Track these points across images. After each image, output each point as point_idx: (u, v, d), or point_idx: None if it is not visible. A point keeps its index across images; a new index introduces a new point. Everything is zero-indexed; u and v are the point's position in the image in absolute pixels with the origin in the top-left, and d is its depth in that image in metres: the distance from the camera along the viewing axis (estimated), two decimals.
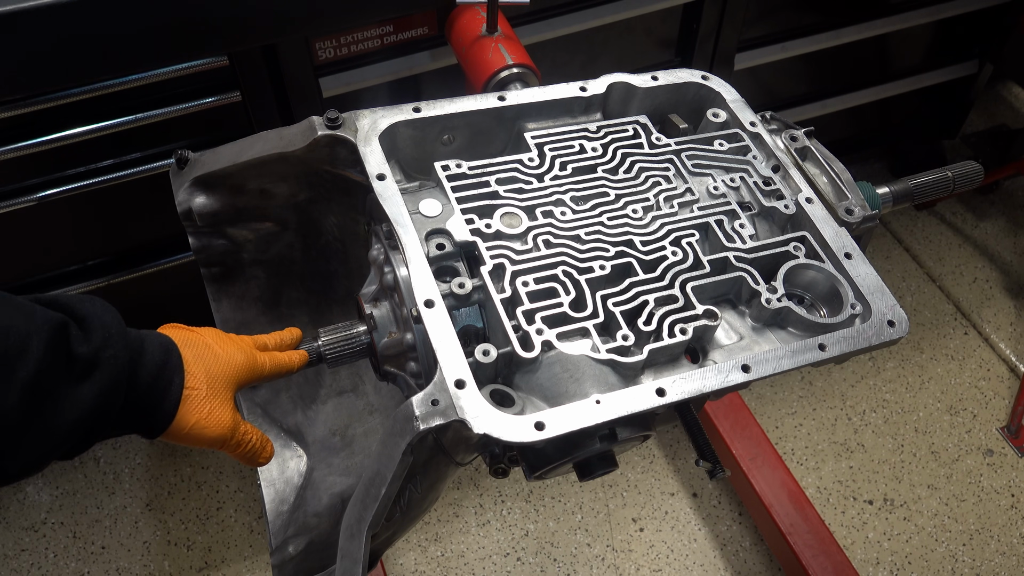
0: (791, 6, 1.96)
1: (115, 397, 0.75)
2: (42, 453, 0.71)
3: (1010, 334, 2.37)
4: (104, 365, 0.74)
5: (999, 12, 2.20)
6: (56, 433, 0.71)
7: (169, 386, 0.80)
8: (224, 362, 0.85)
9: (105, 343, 0.74)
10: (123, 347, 0.76)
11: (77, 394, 0.72)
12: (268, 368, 0.91)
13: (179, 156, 1.01)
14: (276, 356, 0.92)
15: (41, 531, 1.97)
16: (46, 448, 0.71)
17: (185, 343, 0.84)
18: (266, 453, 0.91)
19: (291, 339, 0.97)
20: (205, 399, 0.82)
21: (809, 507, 1.83)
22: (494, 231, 0.90)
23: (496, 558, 1.96)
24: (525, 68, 1.20)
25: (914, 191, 1.11)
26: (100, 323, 0.76)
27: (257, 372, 0.89)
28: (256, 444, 0.88)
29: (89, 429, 0.73)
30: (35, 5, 1.05)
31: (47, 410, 0.70)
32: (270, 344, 0.94)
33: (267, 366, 0.91)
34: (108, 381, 0.74)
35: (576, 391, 0.81)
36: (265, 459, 0.91)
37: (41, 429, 0.70)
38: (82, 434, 0.73)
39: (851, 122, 2.41)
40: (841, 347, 0.86)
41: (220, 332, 0.90)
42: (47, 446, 0.71)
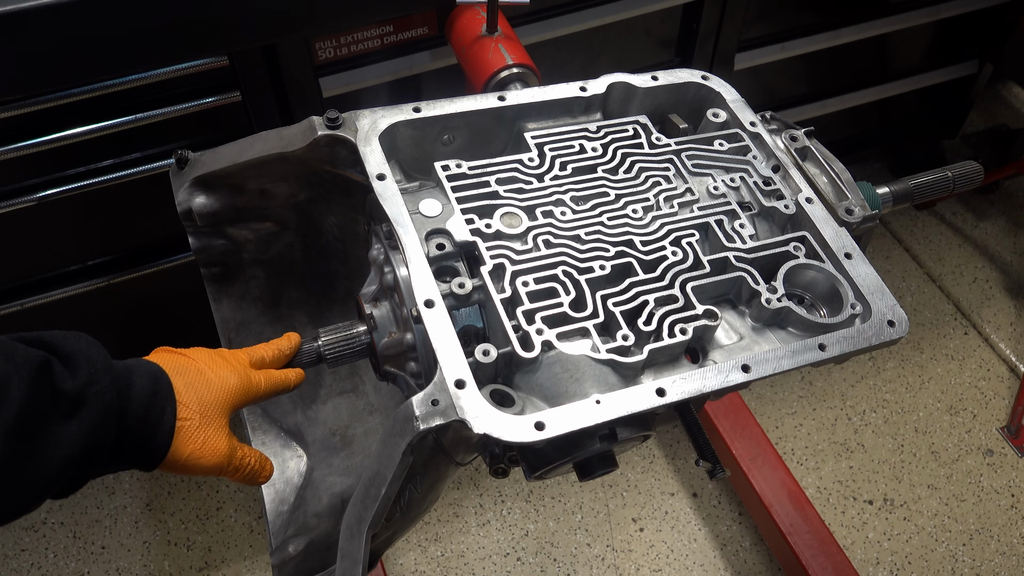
0: (791, 6, 1.96)
1: (105, 433, 0.73)
2: (33, 495, 0.70)
3: (1010, 334, 2.37)
4: (91, 401, 0.72)
5: (999, 12, 2.20)
6: (45, 473, 0.69)
7: (161, 417, 0.78)
8: (217, 388, 0.84)
9: (91, 379, 0.73)
10: (110, 382, 0.74)
11: (64, 432, 0.70)
12: (264, 388, 0.89)
13: (179, 156, 1.01)
14: (272, 376, 0.91)
15: (41, 531, 1.97)
16: (36, 489, 0.70)
17: (176, 370, 0.82)
18: (265, 473, 0.90)
19: (289, 347, 0.95)
20: (199, 429, 0.80)
21: (809, 507, 1.83)
22: (494, 231, 0.90)
23: (496, 558, 1.96)
24: (525, 68, 1.20)
25: (914, 191, 1.11)
26: (85, 358, 0.74)
27: (252, 394, 0.88)
28: (255, 466, 0.87)
29: (81, 466, 0.72)
30: (35, 5, 1.05)
31: (34, 451, 0.68)
32: (268, 357, 0.92)
33: (262, 386, 0.89)
34: (96, 417, 0.72)
35: (576, 391, 0.81)
36: (264, 479, 0.90)
37: (30, 471, 0.68)
38: (73, 472, 0.72)
39: (851, 122, 2.41)
40: (841, 347, 0.86)
41: (212, 353, 0.88)
42: (37, 487, 0.69)
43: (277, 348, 0.94)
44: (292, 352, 0.95)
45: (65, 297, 1.63)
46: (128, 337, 1.87)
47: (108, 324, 1.82)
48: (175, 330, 1.85)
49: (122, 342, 1.88)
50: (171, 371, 0.82)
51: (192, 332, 1.52)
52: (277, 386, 0.91)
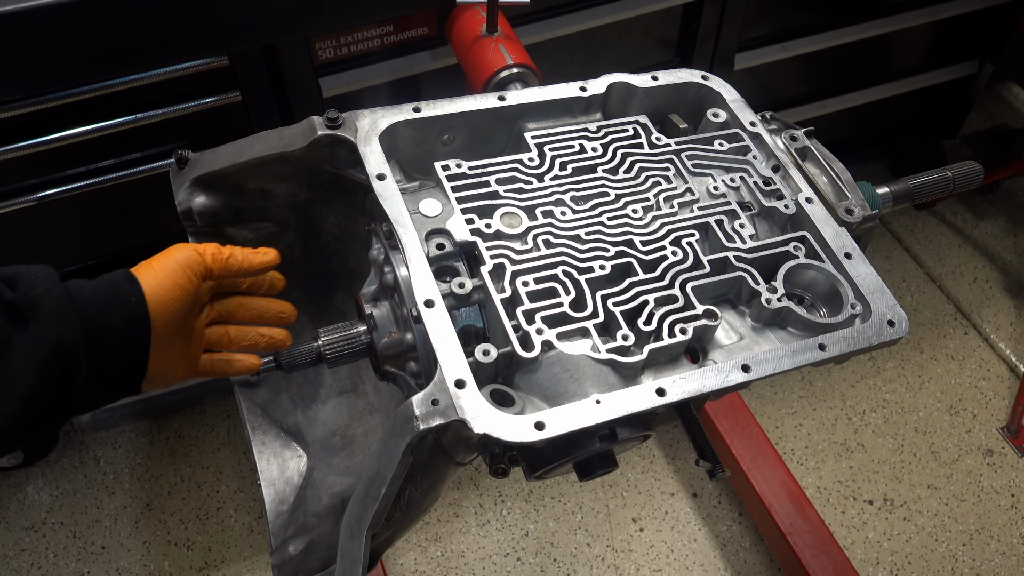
0: (791, 6, 1.96)
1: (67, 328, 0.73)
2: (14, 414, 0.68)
3: (1010, 334, 2.37)
4: (41, 300, 0.72)
5: (999, 12, 2.21)
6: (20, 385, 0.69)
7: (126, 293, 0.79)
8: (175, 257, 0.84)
9: (34, 283, 0.73)
10: (54, 281, 0.75)
11: (27, 337, 0.70)
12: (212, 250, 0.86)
13: (179, 156, 1.01)
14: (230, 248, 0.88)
15: (41, 531, 1.97)
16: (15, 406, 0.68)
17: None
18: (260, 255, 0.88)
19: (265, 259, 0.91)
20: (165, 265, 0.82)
21: (809, 507, 1.83)
22: (494, 231, 0.90)
23: (496, 558, 1.96)
24: (525, 68, 1.20)
25: (914, 191, 1.11)
26: (26, 272, 0.75)
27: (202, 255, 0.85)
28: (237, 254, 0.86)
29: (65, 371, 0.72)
30: (35, 5, 1.05)
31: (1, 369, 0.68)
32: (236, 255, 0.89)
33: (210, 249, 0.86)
34: (50, 313, 0.72)
35: (576, 391, 0.81)
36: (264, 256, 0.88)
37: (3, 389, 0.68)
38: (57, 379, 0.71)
39: (851, 122, 2.41)
40: (841, 347, 0.86)
41: None
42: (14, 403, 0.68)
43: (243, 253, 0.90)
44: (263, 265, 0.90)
45: None
46: None
47: None
48: None
49: None
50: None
51: None
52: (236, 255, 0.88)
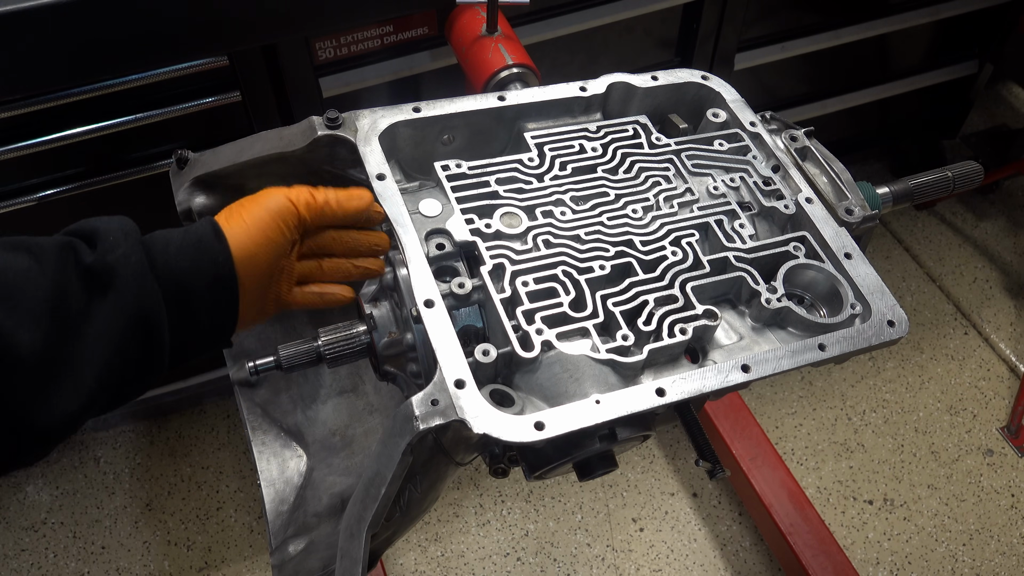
0: (791, 6, 1.96)
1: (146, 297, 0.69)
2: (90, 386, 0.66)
3: (1010, 334, 2.37)
4: (119, 267, 0.68)
5: (999, 12, 2.20)
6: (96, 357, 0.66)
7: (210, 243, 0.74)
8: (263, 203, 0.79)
9: (113, 246, 0.69)
10: (133, 243, 0.71)
11: (104, 307, 0.67)
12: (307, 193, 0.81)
13: (179, 156, 1.01)
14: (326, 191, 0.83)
15: (41, 531, 1.97)
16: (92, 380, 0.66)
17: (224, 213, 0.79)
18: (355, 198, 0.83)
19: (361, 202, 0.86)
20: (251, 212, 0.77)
21: (809, 507, 1.83)
22: (494, 231, 0.90)
23: (496, 558, 1.96)
24: (525, 68, 1.20)
25: (914, 191, 1.11)
26: (105, 230, 0.71)
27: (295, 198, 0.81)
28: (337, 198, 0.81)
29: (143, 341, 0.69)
30: (35, 5, 1.05)
31: (75, 336, 0.65)
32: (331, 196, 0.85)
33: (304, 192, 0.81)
34: (129, 282, 0.68)
35: (576, 391, 0.81)
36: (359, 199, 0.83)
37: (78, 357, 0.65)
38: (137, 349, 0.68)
39: (851, 122, 2.41)
40: (841, 347, 0.86)
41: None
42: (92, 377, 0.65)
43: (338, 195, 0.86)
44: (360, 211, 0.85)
45: None
46: None
47: None
48: None
49: None
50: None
51: None
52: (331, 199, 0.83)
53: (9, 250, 0.65)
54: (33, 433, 0.64)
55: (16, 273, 0.64)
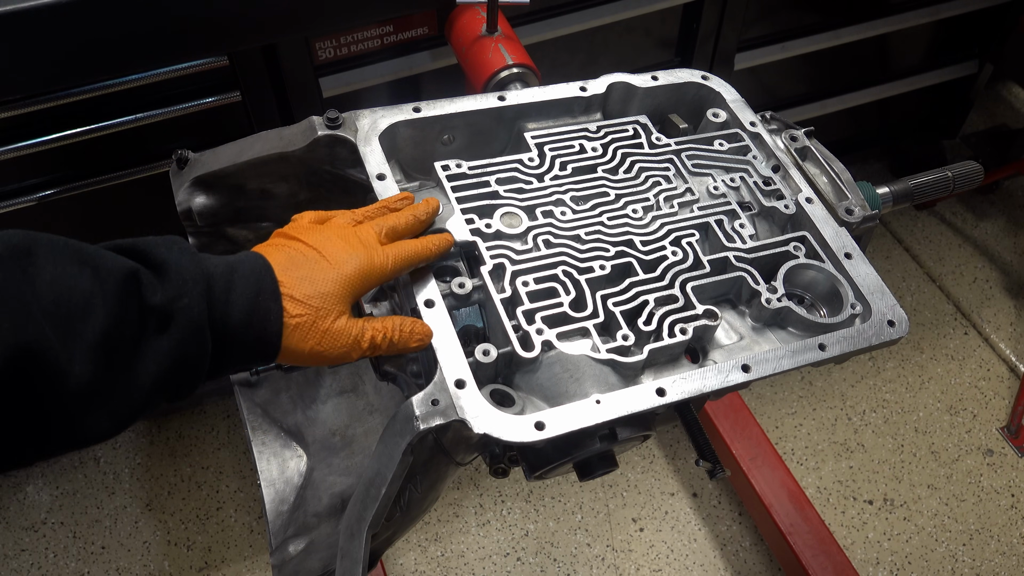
0: (791, 6, 1.96)
1: (197, 346, 0.70)
2: (126, 413, 0.67)
3: (1010, 334, 2.37)
4: (179, 316, 0.69)
5: (999, 12, 2.21)
6: (137, 392, 0.67)
7: (266, 318, 0.74)
8: (334, 276, 0.78)
9: (180, 291, 0.69)
10: (200, 292, 0.71)
11: (154, 349, 0.67)
12: (391, 267, 0.81)
13: (179, 156, 1.01)
14: (403, 251, 0.82)
15: (41, 531, 1.97)
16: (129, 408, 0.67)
17: (290, 262, 0.78)
18: (415, 339, 0.80)
19: (427, 213, 0.86)
20: (315, 323, 0.76)
21: (809, 507, 1.83)
22: (494, 231, 0.90)
23: (496, 558, 1.96)
24: (525, 68, 1.20)
25: (914, 191, 1.11)
26: (176, 268, 0.70)
27: (376, 275, 0.80)
28: (395, 338, 0.80)
29: (177, 379, 0.70)
30: (35, 5, 1.05)
31: (123, 370, 0.66)
32: (400, 227, 0.84)
33: (389, 266, 0.80)
34: (185, 333, 0.69)
35: (576, 391, 0.81)
36: (418, 344, 0.81)
37: (120, 390, 0.65)
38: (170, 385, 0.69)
39: (851, 122, 2.41)
40: (841, 347, 0.86)
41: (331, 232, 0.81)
42: (129, 406, 0.67)
43: (413, 216, 0.86)
44: (430, 219, 0.87)
45: None
46: None
47: None
48: None
49: None
50: (284, 264, 0.77)
51: None
52: (409, 261, 0.82)
53: (76, 264, 0.64)
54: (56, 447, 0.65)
55: (80, 295, 0.63)
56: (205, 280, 0.72)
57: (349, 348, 0.78)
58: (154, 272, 0.70)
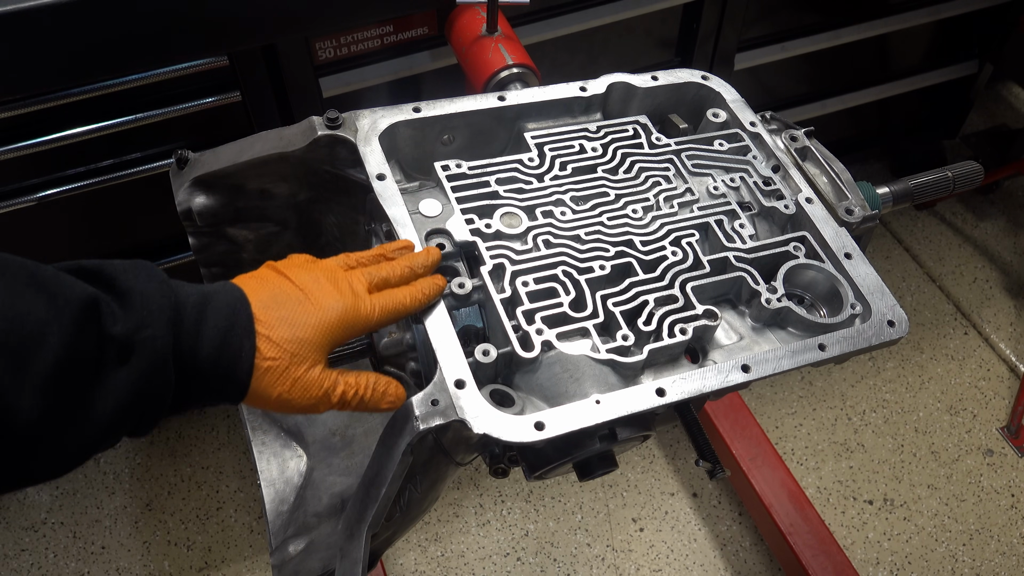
0: (791, 6, 1.96)
1: (159, 380, 0.66)
2: (79, 448, 0.63)
3: (1010, 334, 2.37)
4: (140, 347, 0.64)
5: (999, 12, 2.20)
6: (92, 427, 0.62)
7: (238, 356, 0.70)
8: (315, 322, 0.73)
9: (142, 321, 0.64)
10: (166, 323, 0.66)
11: (112, 382, 0.63)
12: (377, 317, 0.76)
13: (179, 156, 1.01)
14: (391, 300, 0.77)
15: (41, 531, 1.97)
16: (83, 443, 0.62)
17: (272, 299, 0.73)
18: (388, 400, 0.77)
19: (425, 266, 0.82)
20: (287, 369, 0.71)
21: (809, 507, 1.83)
22: (494, 231, 0.90)
23: (496, 558, 1.96)
24: (525, 68, 1.20)
25: (914, 191, 1.11)
26: (141, 296, 0.65)
27: (361, 324, 0.76)
28: (367, 396, 0.76)
29: (138, 414, 0.65)
30: (35, 5, 1.05)
31: (77, 404, 0.61)
32: (393, 278, 0.80)
33: (375, 316, 0.76)
34: (146, 365, 0.64)
35: (576, 391, 0.81)
36: (390, 405, 0.78)
37: (74, 425, 0.61)
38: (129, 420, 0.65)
39: (851, 122, 2.41)
40: (841, 347, 0.86)
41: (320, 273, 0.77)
42: (84, 441, 0.62)
43: (408, 267, 0.81)
44: (428, 271, 0.82)
45: None
46: None
47: None
48: None
49: None
50: (266, 301, 0.73)
51: None
52: (397, 312, 0.78)
53: (31, 288, 0.60)
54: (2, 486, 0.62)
55: (33, 324, 0.59)
56: (173, 309, 0.68)
57: (317, 400, 0.74)
58: (117, 300, 0.65)
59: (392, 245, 0.85)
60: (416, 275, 0.82)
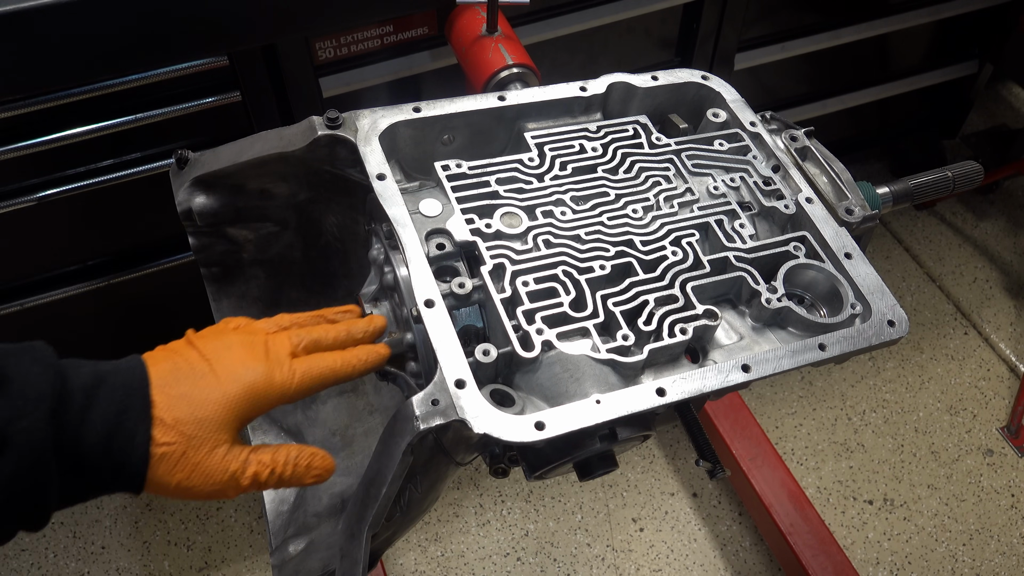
0: (791, 6, 1.96)
1: (37, 475, 0.61)
2: None
3: (1010, 334, 2.37)
4: (15, 439, 0.59)
5: (999, 12, 2.21)
6: None
7: (131, 442, 0.64)
8: (218, 397, 0.67)
9: (19, 411, 0.60)
10: (44, 413, 0.60)
11: None
12: (295, 386, 0.70)
13: (179, 156, 1.01)
14: (315, 366, 0.72)
15: (41, 531, 1.97)
16: None
17: (172, 375, 0.67)
18: (311, 475, 0.71)
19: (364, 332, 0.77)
20: (185, 455, 0.65)
21: (809, 507, 1.83)
22: (494, 231, 0.90)
23: (496, 558, 1.96)
24: (525, 68, 1.20)
25: (914, 191, 1.11)
26: (21, 384, 0.60)
27: (275, 395, 0.69)
28: (288, 474, 0.70)
29: (20, 513, 0.61)
30: (35, 5, 1.05)
31: None
32: (325, 341, 0.74)
33: (292, 385, 0.70)
34: (22, 458, 0.59)
35: (576, 391, 0.81)
36: (315, 480, 0.72)
37: None
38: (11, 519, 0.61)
39: (851, 122, 2.41)
40: (841, 347, 0.86)
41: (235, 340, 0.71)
42: None
43: (346, 331, 0.76)
44: (368, 339, 0.77)
45: (65, 297, 1.63)
46: (127, 337, 1.87)
47: (107, 324, 1.82)
48: (175, 330, 1.85)
49: (122, 342, 1.88)
50: (166, 377, 0.67)
51: None
52: (322, 379, 0.72)
53: None
54: None
55: None
56: (55, 397, 0.62)
57: (223, 486, 0.68)
58: None
59: (335, 308, 0.81)
60: (354, 340, 0.77)
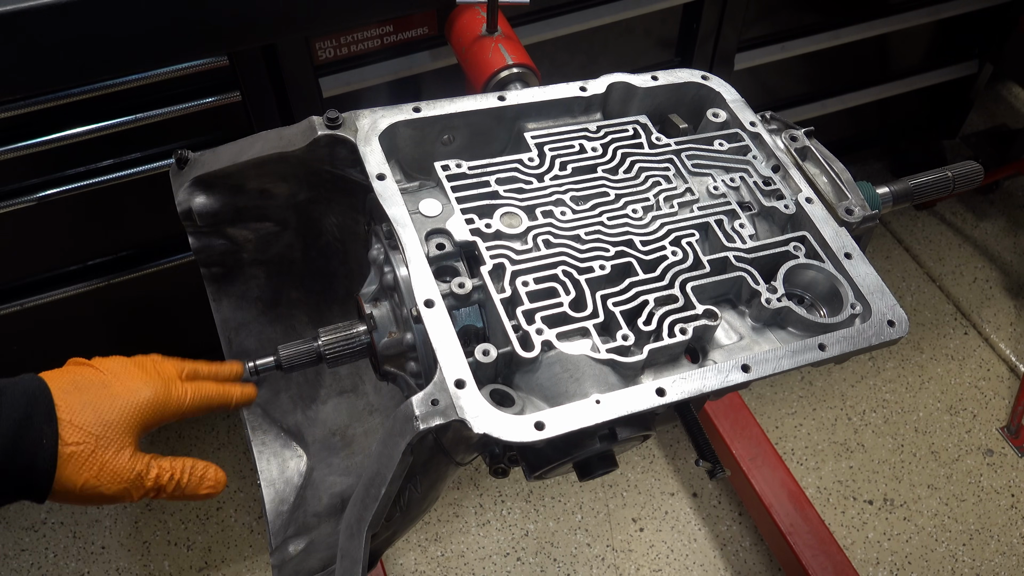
0: (791, 6, 1.96)
1: None
2: None
3: (1010, 334, 2.37)
4: None
5: (999, 12, 2.21)
6: None
7: (38, 444, 0.67)
8: (122, 404, 0.73)
9: None
10: None
11: None
12: (189, 402, 0.79)
13: (179, 156, 1.01)
14: (202, 388, 0.81)
15: (41, 531, 1.97)
16: None
17: (73, 385, 0.72)
18: (206, 485, 0.79)
19: (230, 373, 0.88)
20: (94, 453, 0.69)
21: (809, 507, 1.83)
22: (494, 231, 0.90)
23: (496, 558, 1.96)
24: (525, 68, 1.20)
25: (914, 191, 1.11)
26: None
27: (172, 407, 0.77)
28: (184, 481, 0.77)
29: None
30: (35, 5, 1.05)
31: None
32: (203, 371, 0.84)
33: (187, 400, 0.79)
34: None
35: (576, 391, 0.81)
36: (209, 491, 0.80)
37: None
38: None
39: (851, 122, 2.41)
40: (841, 347, 0.86)
41: (129, 362, 0.78)
42: None
43: (217, 367, 0.87)
44: (231, 377, 0.88)
45: (65, 297, 1.63)
46: (127, 337, 1.87)
47: (107, 324, 1.82)
48: (175, 330, 1.85)
49: (121, 342, 1.88)
50: (67, 387, 0.72)
51: (192, 332, 1.52)
52: (209, 400, 0.81)
53: None
54: None
55: None
56: None
57: (129, 485, 0.72)
58: None
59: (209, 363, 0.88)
60: (222, 376, 0.87)
